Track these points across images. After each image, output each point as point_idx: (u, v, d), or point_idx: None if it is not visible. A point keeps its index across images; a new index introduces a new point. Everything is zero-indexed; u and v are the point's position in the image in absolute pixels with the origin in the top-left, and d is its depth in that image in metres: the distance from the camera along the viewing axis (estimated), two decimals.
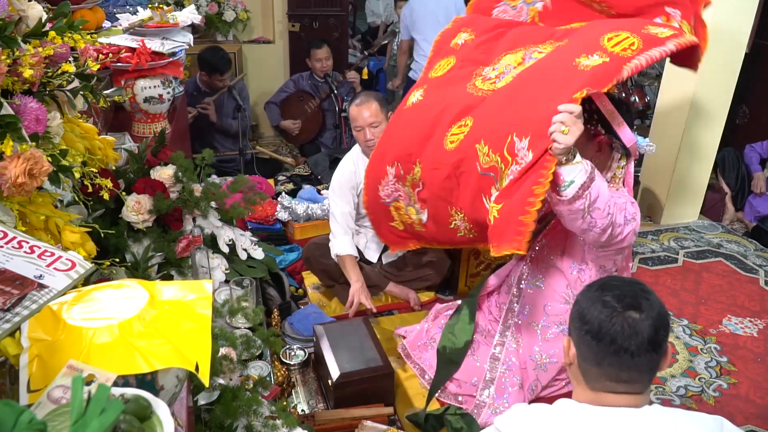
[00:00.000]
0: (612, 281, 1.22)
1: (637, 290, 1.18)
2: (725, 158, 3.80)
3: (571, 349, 1.22)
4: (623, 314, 1.13)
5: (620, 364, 1.13)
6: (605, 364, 1.14)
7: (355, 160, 2.68)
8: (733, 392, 2.31)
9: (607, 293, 1.17)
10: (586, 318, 1.17)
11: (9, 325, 0.85)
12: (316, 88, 4.52)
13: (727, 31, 3.17)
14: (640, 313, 1.13)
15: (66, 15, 1.32)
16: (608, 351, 1.13)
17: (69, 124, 1.45)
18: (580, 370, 1.20)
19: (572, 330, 1.22)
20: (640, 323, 1.13)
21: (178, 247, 1.89)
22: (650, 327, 1.13)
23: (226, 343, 1.48)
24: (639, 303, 1.15)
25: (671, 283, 3.02)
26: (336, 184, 2.70)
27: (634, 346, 1.12)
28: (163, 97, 2.49)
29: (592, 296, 1.18)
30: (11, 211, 1.14)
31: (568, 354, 1.23)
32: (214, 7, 4.68)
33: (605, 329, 1.13)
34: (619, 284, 1.20)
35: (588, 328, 1.16)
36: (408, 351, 2.39)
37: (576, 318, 1.20)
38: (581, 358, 1.19)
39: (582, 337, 1.17)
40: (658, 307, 1.16)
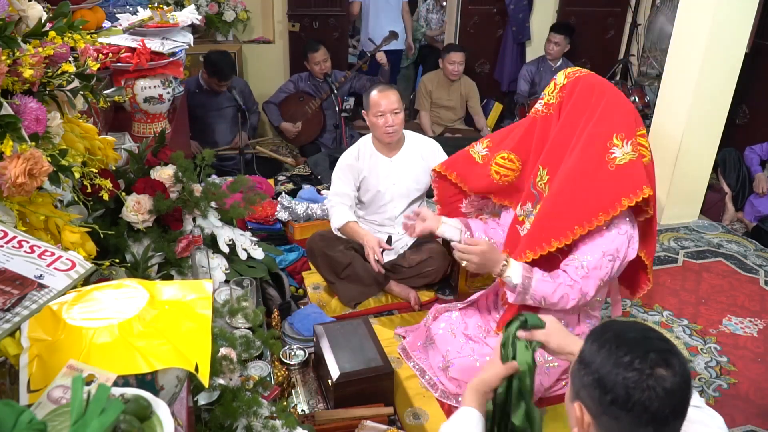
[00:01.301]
0: (622, 332, 1.04)
1: (655, 340, 1.02)
2: (726, 158, 3.80)
3: (585, 418, 1.04)
4: (653, 376, 0.96)
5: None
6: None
7: (360, 149, 2.76)
8: (733, 392, 2.31)
9: (624, 351, 0.99)
10: (608, 386, 0.98)
11: (9, 325, 0.85)
12: (317, 89, 4.52)
13: (727, 31, 3.17)
14: (668, 369, 0.97)
15: (66, 15, 1.32)
16: (641, 421, 0.97)
17: (69, 124, 1.45)
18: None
19: (587, 398, 1.03)
20: (672, 382, 0.96)
21: (178, 247, 1.88)
22: (684, 384, 0.98)
23: (225, 344, 1.48)
24: (665, 358, 0.98)
25: (671, 283, 3.02)
26: (338, 168, 2.78)
27: (670, 411, 0.97)
28: (163, 97, 2.49)
29: (606, 358, 1.00)
30: (11, 211, 1.14)
31: (582, 424, 1.05)
32: (214, 7, 4.68)
33: (635, 397, 0.96)
34: (634, 335, 1.03)
35: (612, 397, 0.98)
36: (408, 351, 2.39)
37: (592, 386, 1.01)
38: (602, 427, 1.01)
39: (606, 408, 0.99)
40: (681, 355, 1.00)
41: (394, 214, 2.82)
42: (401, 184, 2.76)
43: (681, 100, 3.37)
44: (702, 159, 3.53)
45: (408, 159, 2.76)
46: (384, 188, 2.76)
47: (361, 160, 2.74)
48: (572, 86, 1.91)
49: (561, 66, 4.87)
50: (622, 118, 1.85)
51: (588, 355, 1.04)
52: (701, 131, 3.42)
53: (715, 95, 3.34)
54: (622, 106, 1.87)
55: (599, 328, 1.09)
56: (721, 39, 3.18)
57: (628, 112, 1.88)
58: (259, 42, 5.12)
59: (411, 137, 2.82)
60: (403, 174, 2.76)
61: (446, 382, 2.20)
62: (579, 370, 1.05)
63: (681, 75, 3.37)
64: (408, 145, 2.79)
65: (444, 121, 4.80)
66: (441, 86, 4.72)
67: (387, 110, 2.61)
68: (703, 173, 3.59)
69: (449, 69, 4.62)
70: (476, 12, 5.21)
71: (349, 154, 2.76)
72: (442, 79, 4.70)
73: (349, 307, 2.73)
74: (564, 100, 1.95)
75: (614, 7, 5.44)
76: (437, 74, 4.74)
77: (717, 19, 3.12)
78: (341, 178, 2.75)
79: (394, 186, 2.76)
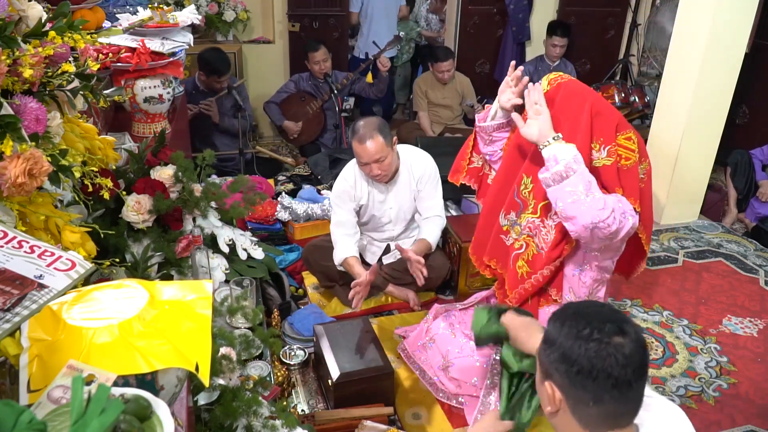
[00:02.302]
0: (579, 309, 1.14)
1: (609, 312, 1.12)
2: (738, 161, 3.74)
3: (556, 395, 1.11)
4: (611, 343, 1.05)
5: (621, 397, 1.06)
6: (605, 401, 1.06)
7: (356, 173, 2.64)
8: (733, 392, 2.31)
9: (582, 325, 1.08)
10: (572, 358, 1.07)
11: (9, 325, 0.85)
12: (317, 89, 4.52)
13: (727, 31, 3.17)
14: (624, 336, 1.06)
15: (66, 15, 1.32)
16: (606, 387, 1.05)
17: (69, 124, 1.45)
18: (573, 414, 1.10)
19: (555, 374, 1.10)
20: (629, 347, 1.06)
21: (178, 247, 1.88)
22: (640, 348, 1.07)
23: (225, 343, 1.48)
24: (621, 326, 1.07)
25: (671, 283, 3.02)
26: (335, 194, 2.69)
27: (631, 374, 1.05)
28: (163, 97, 2.49)
29: (568, 333, 1.09)
30: (11, 211, 1.14)
31: (553, 401, 1.12)
32: (214, 7, 4.68)
33: (598, 365, 1.05)
34: (590, 310, 1.12)
35: (578, 368, 1.06)
36: (408, 351, 2.39)
37: (558, 361, 1.09)
38: (574, 402, 1.09)
39: (573, 379, 1.07)
40: (633, 323, 1.11)
41: (393, 235, 2.80)
42: (398, 208, 2.71)
43: (681, 100, 3.37)
44: (702, 159, 3.52)
45: (403, 185, 2.67)
46: (380, 213, 2.72)
47: (357, 189, 2.65)
48: (554, 93, 1.92)
49: (559, 65, 4.87)
50: (603, 123, 1.86)
51: (552, 334, 1.12)
52: (701, 131, 3.42)
53: (715, 95, 3.34)
54: (603, 112, 1.87)
55: (559, 310, 1.17)
56: (721, 39, 3.18)
57: (610, 117, 1.88)
58: (259, 42, 5.12)
59: (406, 159, 2.66)
60: (399, 200, 2.69)
61: (446, 382, 2.20)
62: (545, 350, 1.13)
63: (681, 75, 3.37)
64: (403, 170, 2.65)
65: (443, 120, 4.80)
66: (436, 86, 4.73)
67: (370, 161, 2.46)
68: (703, 173, 3.59)
69: (439, 77, 4.64)
70: (476, 12, 5.21)
71: (345, 181, 2.65)
72: (436, 79, 4.70)
73: (349, 307, 2.72)
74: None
75: (614, 7, 5.44)
76: (430, 75, 4.74)
77: (717, 19, 3.12)
78: (340, 207, 2.65)
79: (391, 210, 2.72)
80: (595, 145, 1.86)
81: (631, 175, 1.90)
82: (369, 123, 2.49)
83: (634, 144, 1.91)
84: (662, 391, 2.31)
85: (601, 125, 1.86)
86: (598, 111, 1.86)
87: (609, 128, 1.87)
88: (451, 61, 4.60)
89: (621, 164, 1.88)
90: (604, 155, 1.86)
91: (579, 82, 1.96)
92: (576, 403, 1.09)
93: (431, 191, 2.69)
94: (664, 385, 2.34)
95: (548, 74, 2.01)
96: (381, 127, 2.48)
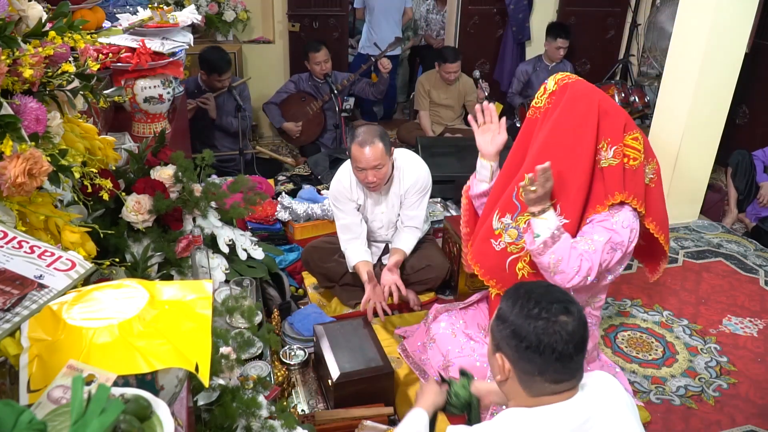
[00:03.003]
0: (530, 289, 1.26)
1: (557, 294, 1.25)
2: (740, 162, 3.73)
3: (505, 366, 1.24)
4: (557, 322, 1.19)
5: (563, 368, 1.19)
6: (549, 371, 1.19)
7: (350, 174, 2.60)
8: (733, 392, 2.31)
9: (532, 305, 1.21)
10: (522, 334, 1.20)
11: (9, 325, 0.85)
12: (317, 89, 4.52)
13: (727, 31, 3.17)
14: (569, 315, 1.20)
15: (66, 15, 1.32)
16: (550, 360, 1.18)
17: (69, 124, 1.44)
18: (520, 383, 1.23)
19: (506, 348, 1.24)
20: (573, 325, 1.19)
21: (178, 247, 1.88)
22: (581, 326, 1.21)
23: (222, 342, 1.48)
24: (566, 307, 1.21)
25: (671, 283, 3.02)
26: (333, 196, 2.67)
27: (573, 348, 1.18)
28: (163, 97, 2.49)
29: (519, 312, 1.22)
30: (11, 211, 1.14)
31: (503, 371, 1.25)
32: (214, 7, 4.68)
33: (545, 341, 1.18)
34: (539, 291, 1.25)
35: (527, 344, 1.19)
36: (408, 351, 2.39)
37: (510, 336, 1.22)
38: (521, 372, 1.22)
39: (522, 353, 1.20)
40: (578, 304, 1.24)
41: (387, 238, 2.80)
42: (388, 213, 2.71)
43: (681, 100, 3.37)
44: (702, 159, 3.52)
45: (394, 192, 2.65)
46: (373, 216, 2.72)
47: (353, 190, 2.63)
48: (561, 93, 1.92)
49: (558, 66, 4.87)
50: (611, 122, 1.86)
51: (504, 311, 1.26)
52: (701, 131, 3.41)
53: (715, 95, 3.34)
54: (611, 111, 1.88)
55: (512, 289, 1.30)
56: (721, 39, 3.17)
57: (618, 117, 1.88)
58: (259, 42, 5.12)
59: (400, 165, 2.62)
60: (390, 205, 2.69)
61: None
62: (497, 326, 1.26)
63: (681, 75, 3.36)
64: (398, 176, 2.62)
65: (444, 121, 4.81)
66: (439, 86, 4.73)
67: (368, 167, 2.41)
68: (703, 173, 3.59)
69: (445, 77, 4.65)
70: (476, 12, 5.21)
71: (340, 183, 2.63)
72: (440, 79, 4.70)
73: (349, 307, 2.73)
74: (552, 106, 1.95)
75: (614, 7, 5.44)
76: (434, 74, 4.74)
77: (717, 19, 3.12)
78: (341, 209, 2.64)
79: (383, 215, 2.71)
80: (602, 145, 1.86)
81: (637, 176, 1.90)
82: (371, 129, 2.47)
83: (640, 144, 1.91)
84: (662, 391, 2.31)
85: (609, 125, 1.86)
86: (606, 110, 1.86)
87: (617, 128, 1.87)
88: (459, 63, 4.61)
89: (628, 165, 1.88)
90: (611, 155, 1.86)
91: (586, 82, 1.96)
92: (523, 373, 1.22)
93: (416, 202, 2.66)
94: (664, 385, 2.34)
95: (555, 74, 2.01)
96: (382, 135, 2.46)
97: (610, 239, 1.85)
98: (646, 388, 2.32)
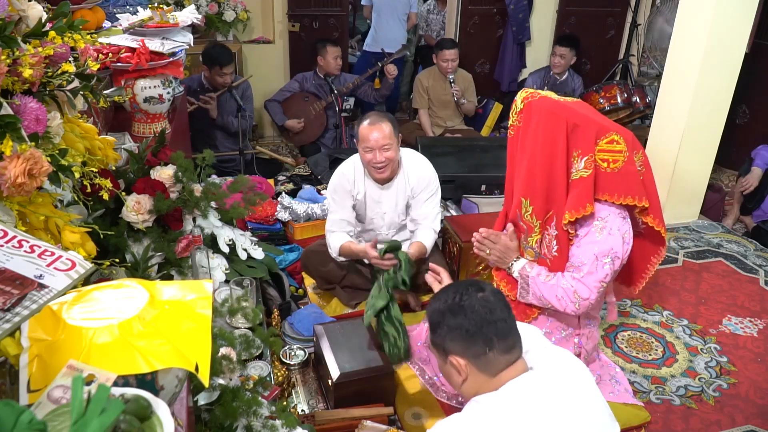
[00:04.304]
0: (444, 291, 1.38)
1: (467, 281, 1.38)
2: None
3: (460, 363, 1.30)
4: (477, 297, 1.30)
5: (503, 333, 1.28)
6: (495, 340, 1.27)
7: (355, 168, 2.62)
8: (733, 392, 2.31)
9: (450, 296, 1.33)
10: (458, 323, 1.29)
11: (9, 325, 0.85)
12: (321, 89, 4.52)
13: (727, 31, 3.17)
14: (484, 290, 1.32)
15: (66, 15, 1.32)
16: (491, 329, 1.27)
17: (69, 124, 1.44)
18: (478, 369, 1.29)
19: (451, 346, 1.31)
20: (490, 295, 1.31)
21: (178, 247, 1.88)
22: (498, 293, 1.34)
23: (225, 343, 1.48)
24: (478, 285, 1.34)
25: (671, 283, 3.02)
26: (332, 188, 2.65)
27: (500, 312, 1.29)
28: (163, 97, 2.49)
29: (445, 311, 1.32)
30: (11, 211, 1.14)
31: (459, 370, 1.31)
32: (214, 7, 4.68)
33: (478, 317, 1.28)
34: (450, 287, 1.38)
35: (466, 327, 1.28)
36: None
37: (449, 333, 1.31)
38: (474, 357, 1.29)
39: (467, 339, 1.29)
40: (488, 283, 1.38)
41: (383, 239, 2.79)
42: (391, 213, 2.69)
43: (681, 100, 3.37)
44: (702, 159, 3.52)
45: (400, 189, 2.64)
46: (374, 214, 2.70)
47: (356, 184, 2.62)
48: (527, 112, 1.93)
49: (567, 80, 4.86)
50: (581, 135, 1.86)
51: (434, 320, 1.35)
52: (701, 131, 3.42)
53: (715, 95, 3.34)
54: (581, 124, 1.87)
55: (430, 303, 1.41)
56: (721, 39, 3.18)
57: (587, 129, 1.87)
58: (259, 42, 5.13)
59: (408, 163, 2.63)
60: (393, 205, 2.67)
61: (446, 382, 2.20)
62: (434, 335, 1.35)
63: (681, 75, 3.37)
64: (403, 174, 2.63)
65: (443, 122, 4.79)
66: (437, 81, 4.71)
67: (376, 146, 2.44)
68: (703, 173, 3.59)
69: (442, 66, 4.61)
70: (476, 12, 5.21)
71: (343, 175, 2.62)
72: (438, 74, 4.69)
73: (349, 307, 2.73)
74: (523, 124, 1.96)
75: (614, 7, 5.44)
76: (432, 70, 4.73)
77: (717, 19, 3.12)
78: (338, 202, 2.63)
79: (385, 214, 2.69)
80: (574, 158, 1.87)
81: (628, 175, 1.89)
82: (379, 113, 2.58)
83: (619, 144, 1.89)
84: (662, 391, 2.31)
85: (579, 137, 1.87)
86: (576, 124, 1.86)
87: (587, 139, 1.87)
88: (456, 50, 4.58)
89: (609, 169, 1.87)
90: (582, 166, 1.87)
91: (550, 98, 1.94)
92: (476, 357, 1.28)
93: (427, 200, 2.64)
94: (664, 385, 2.34)
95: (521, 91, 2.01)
96: (391, 119, 2.54)
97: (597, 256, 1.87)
98: (646, 388, 2.32)
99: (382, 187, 2.64)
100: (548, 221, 1.95)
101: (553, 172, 1.89)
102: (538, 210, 1.94)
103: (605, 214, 1.89)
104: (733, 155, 4.39)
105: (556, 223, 1.92)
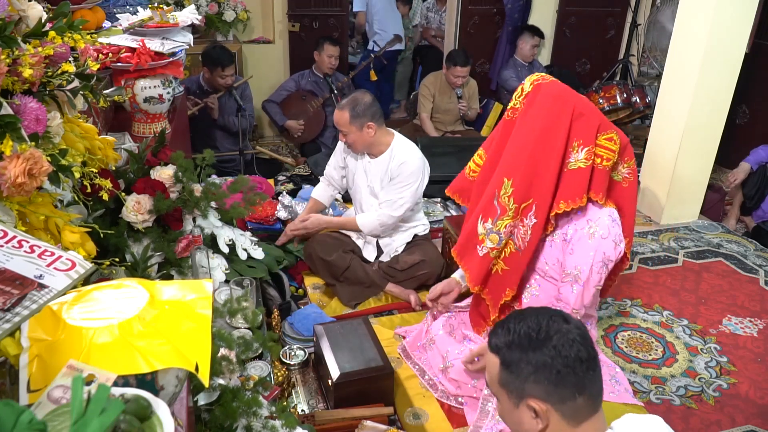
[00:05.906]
0: (517, 323, 1.15)
1: (540, 310, 1.17)
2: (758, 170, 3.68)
3: (541, 408, 1.11)
4: (567, 332, 1.10)
5: (594, 375, 1.11)
6: (586, 386, 1.10)
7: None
8: (733, 392, 2.31)
9: (533, 331, 1.12)
10: (547, 363, 1.09)
11: (9, 325, 0.85)
12: (318, 86, 4.53)
13: (727, 31, 3.17)
14: (568, 321, 1.13)
15: (66, 15, 1.32)
16: (582, 370, 1.10)
17: (69, 124, 1.44)
18: (563, 417, 1.10)
19: (534, 389, 1.11)
20: (577, 327, 1.13)
21: (178, 247, 1.88)
22: (581, 323, 1.15)
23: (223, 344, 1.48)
24: (559, 314, 1.14)
25: (671, 283, 3.02)
26: (338, 148, 2.90)
27: (591, 348, 1.11)
28: (163, 97, 2.49)
29: (527, 347, 1.12)
30: (11, 211, 1.14)
31: (539, 417, 1.11)
32: (214, 7, 4.68)
33: (571, 355, 1.09)
34: (524, 318, 1.15)
35: (557, 368, 1.09)
36: (408, 351, 2.39)
37: (533, 373, 1.10)
38: (560, 402, 1.10)
39: (556, 380, 1.09)
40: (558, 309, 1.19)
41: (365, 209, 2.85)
42: (374, 186, 2.79)
43: (681, 100, 3.37)
44: (702, 159, 3.52)
45: (383, 167, 2.74)
46: (361, 182, 2.82)
47: (347, 152, 2.84)
48: (534, 94, 1.91)
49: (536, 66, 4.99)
50: (584, 125, 1.86)
51: (509, 358, 1.13)
52: (701, 131, 3.42)
53: (715, 95, 3.34)
54: (586, 113, 1.87)
55: (496, 336, 1.18)
56: (721, 39, 3.18)
57: (592, 119, 1.88)
58: (259, 42, 5.13)
59: (398, 148, 2.73)
60: (375, 179, 2.77)
61: (446, 382, 2.20)
62: (510, 376, 1.13)
63: (681, 75, 3.37)
64: (390, 154, 2.73)
65: (443, 126, 4.78)
66: (444, 91, 4.66)
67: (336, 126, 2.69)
68: (703, 173, 3.59)
69: (452, 80, 4.55)
70: (476, 12, 5.21)
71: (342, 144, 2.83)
72: (444, 83, 4.64)
73: (349, 307, 2.73)
74: (525, 106, 1.95)
75: (614, 7, 5.44)
76: (438, 76, 4.68)
77: (717, 19, 3.12)
78: (335, 156, 2.91)
79: (368, 187, 2.81)
80: (573, 147, 1.86)
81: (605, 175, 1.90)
82: (352, 98, 2.65)
83: (615, 145, 1.90)
84: (662, 391, 2.31)
85: (582, 127, 1.86)
86: (581, 112, 1.86)
87: (590, 130, 1.86)
88: (468, 68, 4.53)
89: (601, 165, 1.88)
90: (581, 157, 1.86)
91: (560, 83, 1.95)
92: (562, 403, 1.09)
93: (397, 186, 2.70)
94: (664, 385, 2.34)
95: (531, 75, 2.01)
96: (355, 106, 2.60)
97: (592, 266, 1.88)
98: (646, 388, 2.32)
99: (370, 162, 2.77)
100: (526, 210, 1.93)
101: (546, 156, 1.87)
102: (517, 193, 1.92)
103: (595, 216, 1.89)
104: (733, 155, 4.38)
105: (535, 212, 1.90)
